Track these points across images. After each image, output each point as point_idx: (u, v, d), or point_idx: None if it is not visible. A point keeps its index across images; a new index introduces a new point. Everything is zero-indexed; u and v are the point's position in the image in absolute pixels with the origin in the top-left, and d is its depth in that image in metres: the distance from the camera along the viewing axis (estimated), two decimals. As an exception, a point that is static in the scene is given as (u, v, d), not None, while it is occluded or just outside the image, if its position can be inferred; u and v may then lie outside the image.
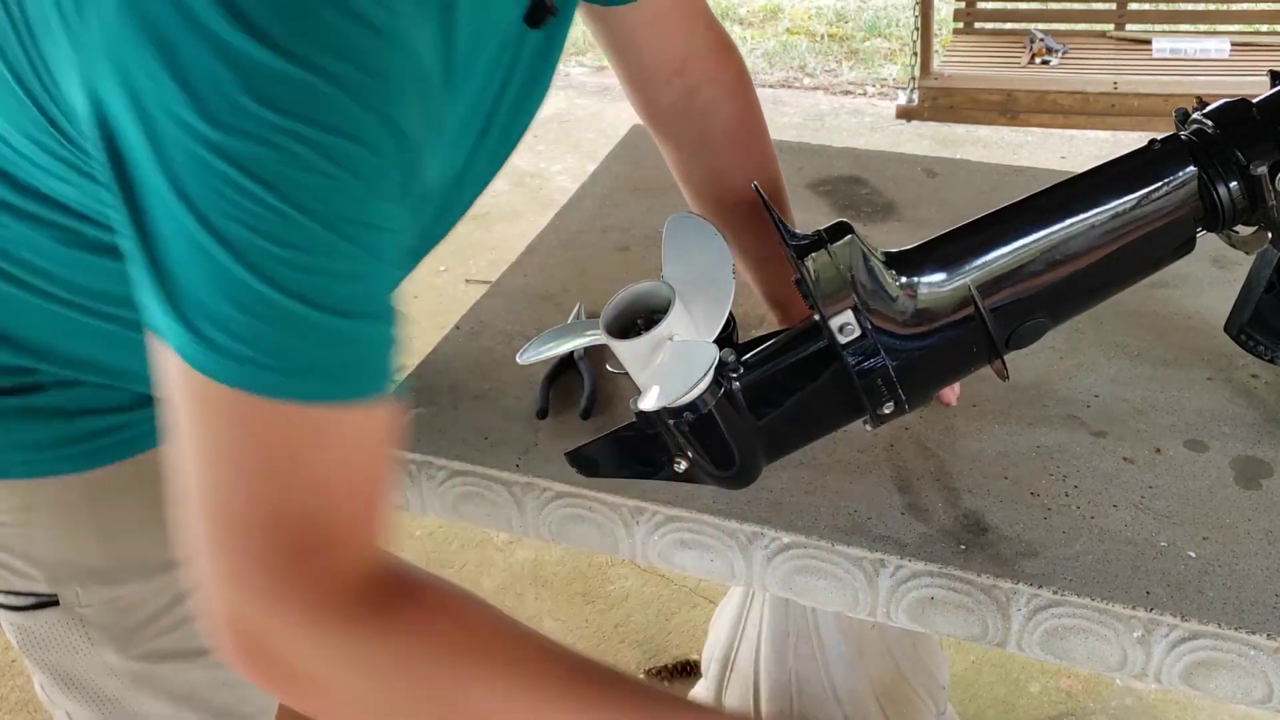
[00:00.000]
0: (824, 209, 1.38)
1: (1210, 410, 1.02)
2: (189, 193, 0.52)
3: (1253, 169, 0.78)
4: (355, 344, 0.58)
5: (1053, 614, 0.84)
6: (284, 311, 0.55)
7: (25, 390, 0.80)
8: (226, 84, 0.51)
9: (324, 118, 0.52)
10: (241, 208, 0.52)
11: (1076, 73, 3.90)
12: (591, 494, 0.94)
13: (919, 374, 0.81)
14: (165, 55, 0.51)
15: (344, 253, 0.55)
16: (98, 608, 0.91)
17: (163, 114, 0.52)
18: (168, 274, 0.55)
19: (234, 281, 0.54)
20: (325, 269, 0.55)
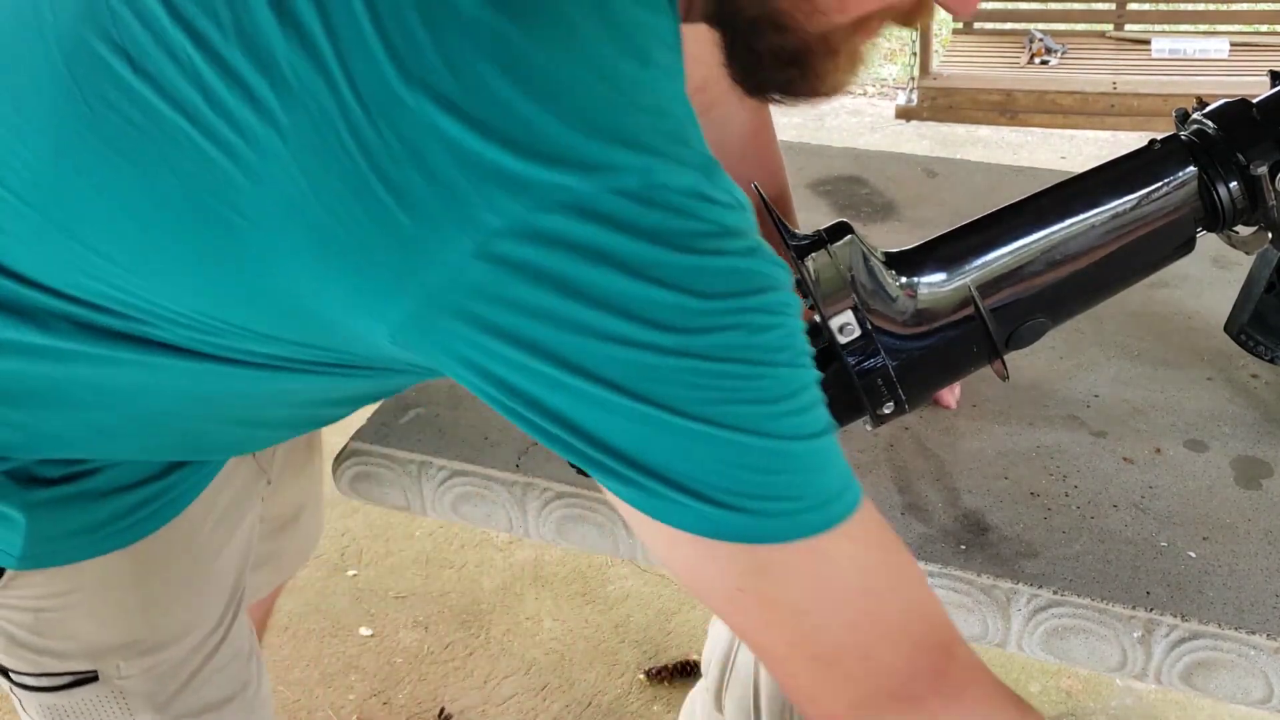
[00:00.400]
0: (824, 209, 1.38)
1: (1210, 410, 1.02)
2: (664, 399, 0.55)
3: (1253, 169, 0.78)
4: (837, 454, 0.61)
5: (1053, 614, 0.84)
6: (793, 455, 0.58)
7: (79, 476, 0.78)
8: (663, 298, 0.53)
9: (748, 284, 0.55)
10: (722, 388, 0.55)
11: (1076, 73, 3.90)
12: (591, 494, 0.94)
13: (919, 374, 0.81)
14: (583, 296, 0.53)
15: (808, 379, 0.59)
16: (138, 677, 0.89)
17: (600, 344, 0.54)
18: (665, 472, 0.57)
19: (745, 450, 0.56)
20: (804, 403, 0.58)
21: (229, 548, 0.93)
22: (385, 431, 1.01)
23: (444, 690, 1.97)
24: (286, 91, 0.54)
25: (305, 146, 0.53)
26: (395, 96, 0.52)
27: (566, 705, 1.93)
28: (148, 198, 0.58)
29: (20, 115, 0.61)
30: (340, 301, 0.57)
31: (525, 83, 0.52)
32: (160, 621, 0.89)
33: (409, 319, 0.55)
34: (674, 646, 2.04)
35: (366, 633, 2.09)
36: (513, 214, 0.51)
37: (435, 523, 2.31)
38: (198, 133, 0.56)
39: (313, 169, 0.53)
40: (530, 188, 0.51)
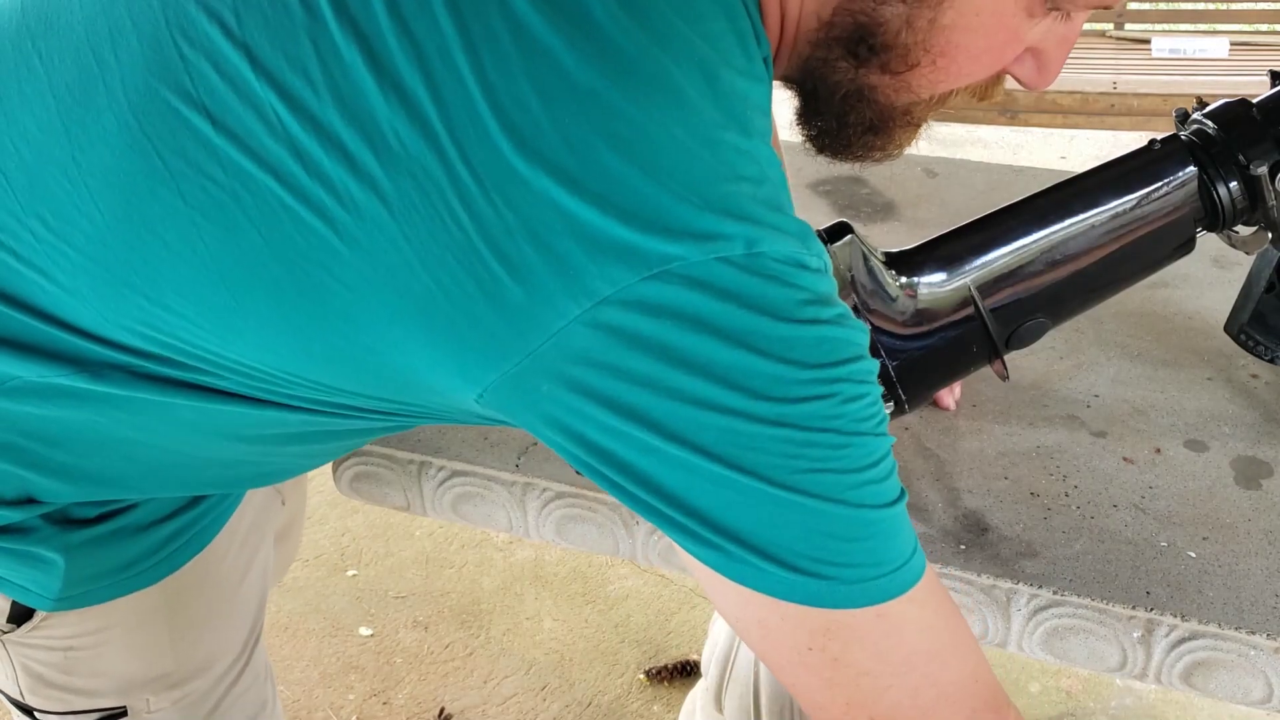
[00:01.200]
0: (824, 209, 1.38)
1: (1210, 410, 1.02)
2: (754, 467, 0.56)
3: (1253, 169, 0.78)
4: (906, 520, 0.62)
5: (1053, 614, 0.84)
6: (873, 523, 0.59)
7: (113, 515, 0.77)
8: (762, 367, 0.54)
9: (840, 354, 0.57)
10: (811, 457, 0.56)
11: (1076, 73, 3.90)
12: (591, 494, 0.94)
13: (919, 374, 0.81)
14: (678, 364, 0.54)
15: (886, 447, 0.60)
16: (167, 710, 0.89)
17: (685, 411, 0.54)
18: (748, 537, 0.57)
19: (830, 519, 0.57)
20: (884, 472, 0.59)
21: (251, 572, 0.93)
22: (385, 431, 1.01)
23: (444, 690, 1.97)
24: (390, 158, 0.53)
25: (411, 215, 0.53)
26: (511, 170, 0.52)
27: (566, 705, 1.93)
28: (231, 257, 0.57)
29: (83, 170, 0.59)
30: (434, 365, 0.57)
31: (637, 157, 0.53)
32: (189, 653, 0.88)
33: (505, 381, 0.56)
34: (674, 646, 2.04)
35: (366, 633, 2.09)
36: (623, 283, 0.52)
37: (435, 523, 2.31)
38: (290, 195, 0.55)
39: (419, 237, 0.53)
40: (641, 257, 0.52)
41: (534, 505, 0.96)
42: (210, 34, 0.56)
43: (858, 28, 0.62)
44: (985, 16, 0.61)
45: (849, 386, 0.57)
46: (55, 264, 0.61)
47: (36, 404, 0.66)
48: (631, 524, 0.94)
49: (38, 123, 0.60)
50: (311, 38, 0.55)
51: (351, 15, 0.55)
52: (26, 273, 0.62)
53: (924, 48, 0.62)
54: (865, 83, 0.64)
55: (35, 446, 0.70)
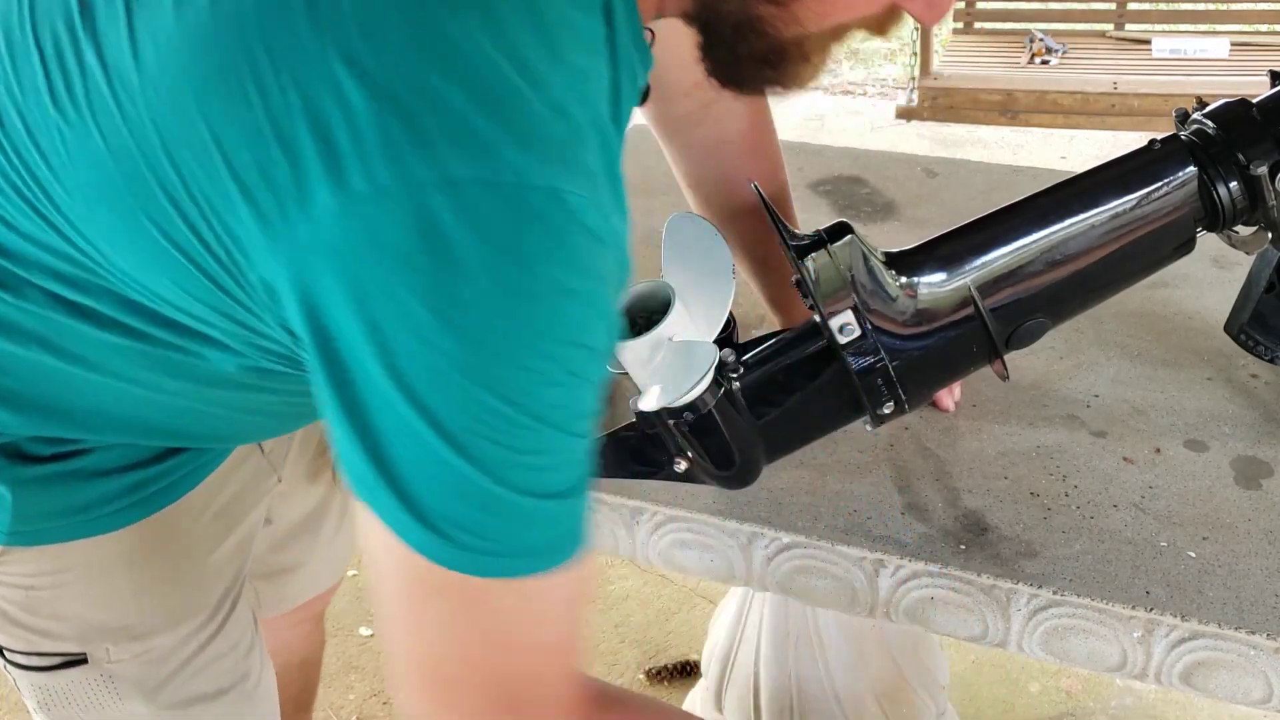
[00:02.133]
0: (824, 209, 1.38)
1: (1210, 410, 1.02)
2: (431, 408, 0.55)
3: (1253, 169, 0.78)
4: (568, 518, 0.62)
5: (1053, 614, 0.84)
6: (514, 505, 0.58)
7: (68, 456, 0.78)
8: (485, 314, 0.53)
9: (571, 335, 0.56)
10: (488, 424, 0.55)
11: (1076, 73, 3.90)
12: (591, 494, 0.94)
13: (919, 374, 0.81)
14: (414, 282, 0.52)
15: (570, 446, 0.59)
16: (128, 662, 0.89)
17: (407, 333, 0.53)
18: (397, 473, 0.57)
19: (472, 486, 0.57)
20: (553, 463, 0.59)
21: (228, 542, 0.93)
22: (385, 431, 1.01)
23: (444, 690, 1.97)
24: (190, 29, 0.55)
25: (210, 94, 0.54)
26: (302, 47, 0.53)
27: (566, 705, 1.93)
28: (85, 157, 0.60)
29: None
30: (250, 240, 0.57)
31: (430, 53, 0.52)
32: (151, 608, 0.89)
33: (280, 268, 0.55)
34: (674, 646, 2.04)
35: (366, 633, 2.09)
36: (380, 181, 0.51)
37: (435, 523, 2.31)
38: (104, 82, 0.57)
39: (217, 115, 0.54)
40: (405, 158, 0.51)
41: (534, 505, 0.96)
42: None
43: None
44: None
45: (555, 370, 0.56)
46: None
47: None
48: (631, 524, 0.94)
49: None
50: None
51: None
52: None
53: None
54: (754, 14, 0.65)
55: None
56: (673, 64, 1.01)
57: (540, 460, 0.58)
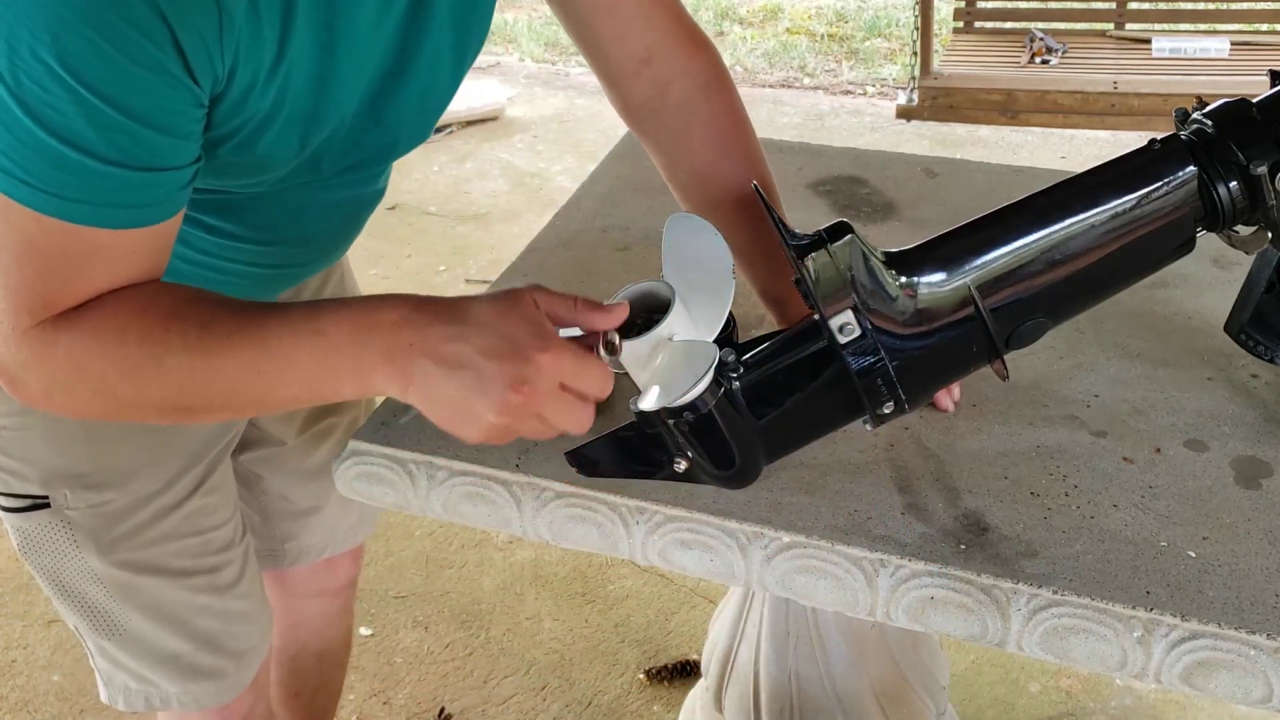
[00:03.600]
0: (824, 209, 1.38)
1: (1210, 410, 1.02)
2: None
3: (1253, 169, 0.78)
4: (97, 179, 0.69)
5: (1053, 614, 0.84)
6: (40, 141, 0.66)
7: None
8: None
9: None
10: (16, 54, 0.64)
11: (1076, 72, 3.90)
12: (591, 494, 0.94)
13: (919, 374, 0.81)
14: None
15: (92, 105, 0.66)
16: (82, 511, 0.97)
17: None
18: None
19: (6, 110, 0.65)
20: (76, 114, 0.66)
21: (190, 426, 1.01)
22: (385, 432, 1.01)
23: (444, 690, 1.97)
24: None
25: None
26: None
27: (566, 705, 1.93)
28: None
29: None
30: None
31: None
32: (104, 460, 0.96)
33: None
34: (674, 646, 2.04)
35: (366, 633, 2.09)
36: None
37: (435, 523, 2.31)
38: None
39: None
40: None
41: (534, 505, 0.96)
42: None
43: None
44: None
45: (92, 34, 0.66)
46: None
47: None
48: (631, 524, 0.94)
49: None
50: None
51: None
52: None
53: None
54: None
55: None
56: (611, 36, 1.01)
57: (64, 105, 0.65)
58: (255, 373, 0.73)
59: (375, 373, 0.72)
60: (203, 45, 0.69)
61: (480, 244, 3.33)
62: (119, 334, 0.73)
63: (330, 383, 0.74)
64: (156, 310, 0.74)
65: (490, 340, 0.70)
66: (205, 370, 0.73)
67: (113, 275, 0.74)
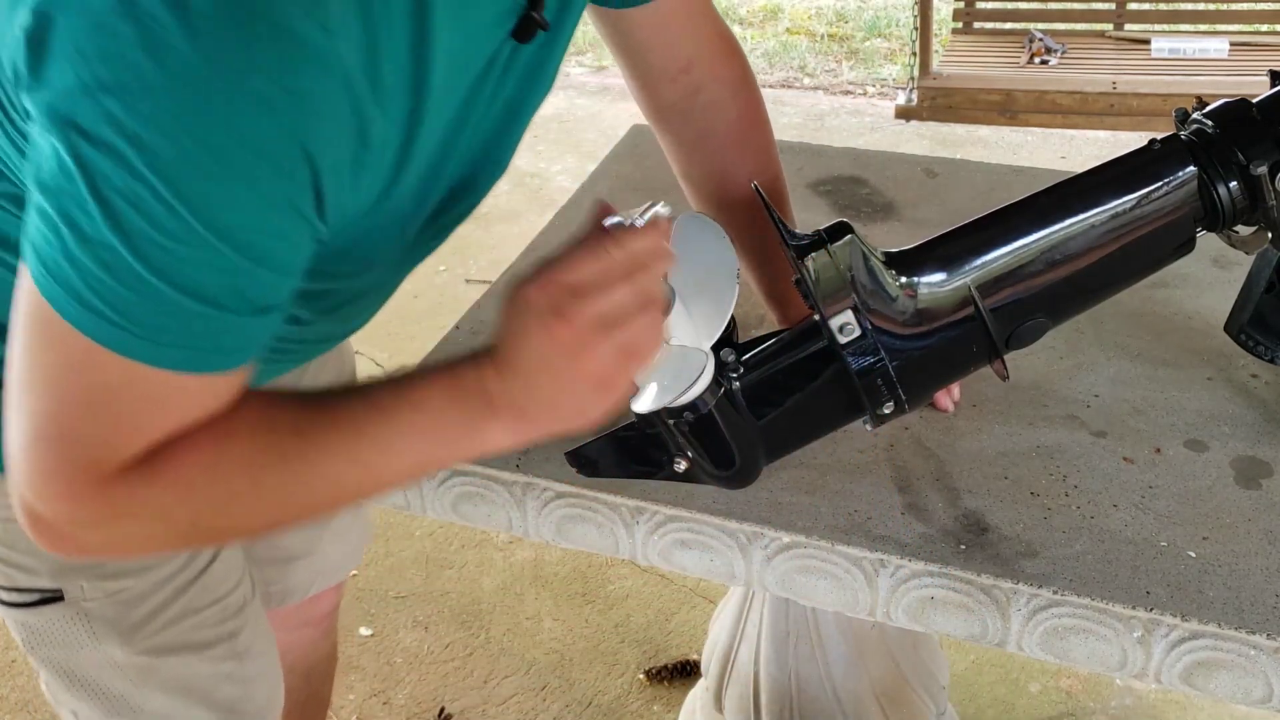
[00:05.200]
0: (824, 209, 1.38)
1: (1210, 410, 1.02)
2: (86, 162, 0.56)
3: (1253, 169, 0.78)
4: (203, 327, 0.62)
5: (1053, 614, 0.84)
6: (140, 279, 0.59)
7: None
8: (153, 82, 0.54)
9: (231, 127, 0.56)
10: (130, 185, 0.56)
11: (1076, 73, 3.90)
12: (591, 494, 0.94)
13: (919, 374, 0.81)
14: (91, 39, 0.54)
15: (215, 248, 0.59)
16: (101, 601, 0.91)
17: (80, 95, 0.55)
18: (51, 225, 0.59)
19: (102, 242, 0.58)
20: (196, 259, 0.59)
21: None
22: (385, 431, 1.01)
23: (444, 690, 1.97)
24: None
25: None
26: None
27: (566, 705, 1.93)
28: None
29: None
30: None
31: None
32: None
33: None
34: (674, 646, 2.04)
35: (366, 633, 2.09)
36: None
37: (435, 523, 2.31)
38: None
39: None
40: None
41: (534, 505, 0.96)
42: None
43: None
44: None
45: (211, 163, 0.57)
46: None
47: None
48: (631, 524, 0.94)
49: None
50: None
51: None
52: None
53: None
54: None
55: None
56: (658, 47, 1.01)
57: (180, 249, 0.58)
58: (360, 464, 0.69)
59: (487, 425, 0.69)
60: (339, 181, 0.63)
61: (480, 244, 3.32)
62: (209, 472, 0.67)
63: (442, 450, 0.70)
64: (240, 434, 0.68)
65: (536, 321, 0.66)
66: (307, 477, 0.69)
67: (192, 418, 0.67)
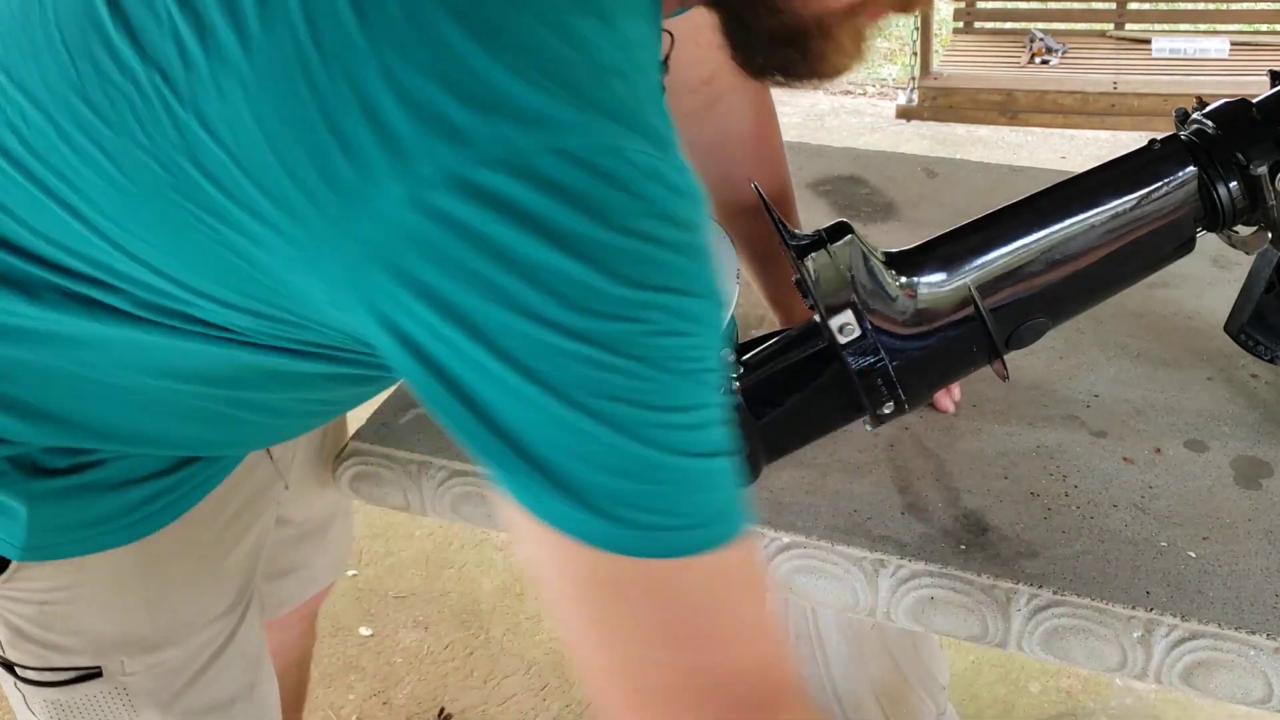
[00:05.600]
0: (824, 209, 1.38)
1: (1210, 410, 1.02)
2: (552, 382, 0.53)
3: (1253, 169, 0.78)
4: (726, 482, 0.58)
5: (1053, 614, 0.84)
6: (670, 468, 0.55)
7: (84, 468, 0.77)
8: (578, 274, 0.51)
9: (671, 282, 0.53)
10: (611, 383, 0.53)
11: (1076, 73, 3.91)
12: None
13: (919, 374, 0.81)
14: (496, 258, 0.51)
15: (704, 397, 0.56)
16: (142, 674, 0.88)
17: (499, 309, 0.51)
18: (541, 461, 0.54)
19: (622, 453, 0.54)
20: (697, 420, 0.56)
21: (239, 549, 0.93)
22: (385, 431, 1.01)
23: (444, 690, 1.97)
24: (246, 37, 0.52)
25: (264, 95, 0.52)
26: (350, 40, 0.51)
27: (566, 705, 1.93)
28: (125, 158, 0.57)
29: (16, 84, 0.60)
30: (289, 261, 0.55)
31: (480, 34, 0.51)
32: (165, 619, 0.88)
33: (346, 275, 0.54)
34: (674, 646, 2.04)
35: (366, 633, 2.09)
36: (448, 165, 0.50)
37: (435, 523, 2.31)
38: (169, 90, 0.54)
39: (267, 117, 0.52)
40: (469, 138, 0.50)
41: (534, 505, 0.96)
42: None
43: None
44: None
45: (665, 318, 0.53)
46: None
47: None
48: (631, 524, 0.94)
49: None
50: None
51: None
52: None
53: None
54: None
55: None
56: (681, 60, 1.01)
57: (678, 416, 0.55)
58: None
59: None
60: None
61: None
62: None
63: None
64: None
65: None
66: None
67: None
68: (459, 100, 0.50)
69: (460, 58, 0.51)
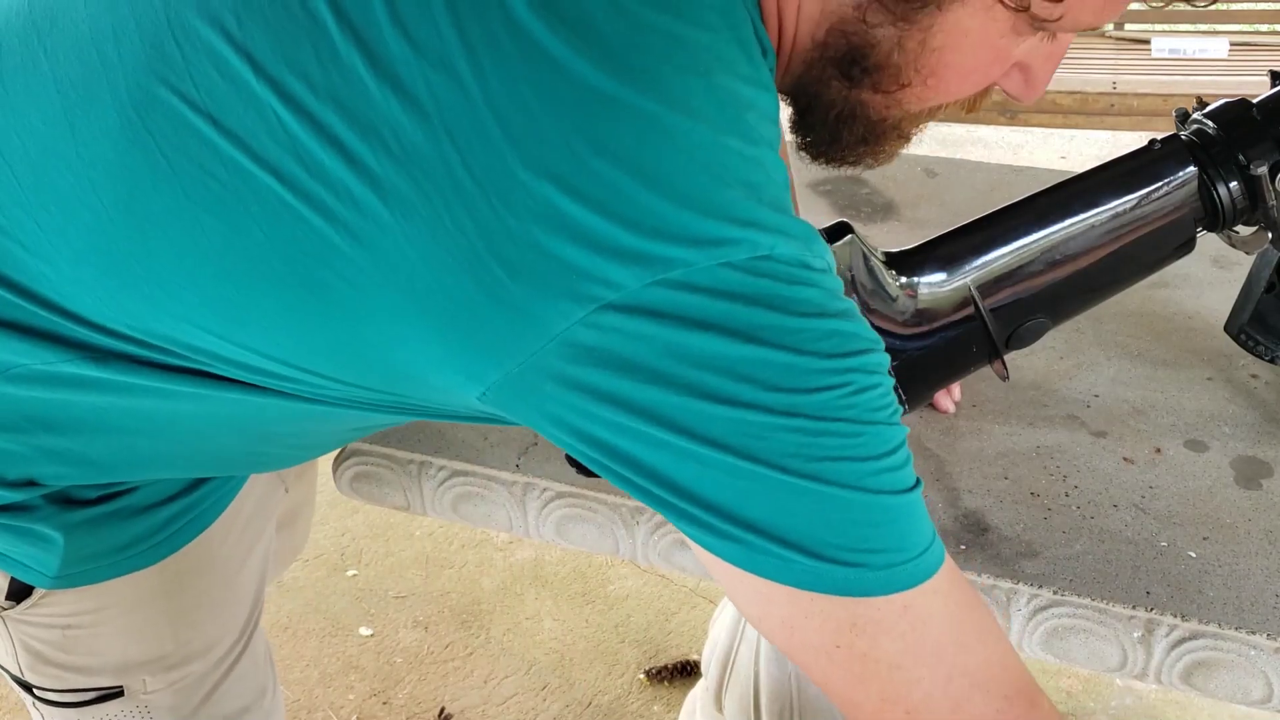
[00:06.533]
0: (824, 209, 1.38)
1: (1210, 410, 1.02)
2: (766, 456, 0.56)
3: (1253, 169, 0.78)
4: (924, 512, 0.62)
5: (1053, 614, 0.84)
6: (893, 509, 0.59)
7: (115, 496, 0.78)
8: (779, 358, 0.55)
9: (849, 346, 0.58)
10: (825, 446, 0.57)
11: (1076, 72, 3.90)
12: (591, 494, 0.94)
13: (919, 374, 0.81)
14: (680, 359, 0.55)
15: (901, 436, 0.60)
16: (163, 692, 0.89)
17: (710, 403, 0.55)
18: (772, 529, 0.58)
19: (850, 505, 0.58)
20: (899, 460, 0.60)
21: (252, 557, 0.93)
22: (385, 431, 1.01)
23: (444, 690, 1.97)
24: (389, 158, 0.54)
25: (412, 215, 0.54)
26: (511, 174, 0.53)
27: (566, 705, 1.93)
28: (235, 253, 0.58)
29: (86, 163, 0.60)
30: (436, 362, 0.58)
31: (637, 164, 0.54)
32: (187, 636, 0.89)
33: (508, 381, 0.56)
34: (674, 646, 2.04)
35: (366, 633, 2.09)
36: (627, 288, 0.53)
37: (435, 523, 2.31)
38: (291, 194, 0.56)
39: (420, 237, 0.54)
40: (645, 262, 0.53)
41: (534, 505, 0.96)
42: (211, 37, 0.57)
43: (851, 50, 0.63)
44: (974, 37, 0.62)
45: (860, 377, 0.58)
46: (59, 253, 0.63)
47: (41, 389, 0.68)
48: (631, 524, 0.94)
49: (42, 116, 0.62)
50: (312, 40, 0.56)
51: (351, 19, 0.56)
52: (31, 261, 0.63)
53: (915, 68, 0.63)
54: (858, 100, 0.66)
55: (39, 432, 0.71)
56: None
57: (888, 460, 0.59)
58: None
59: None
60: None
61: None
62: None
63: None
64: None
65: None
66: None
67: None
68: (627, 229, 0.53)
69: (621, 189, 0.54)
